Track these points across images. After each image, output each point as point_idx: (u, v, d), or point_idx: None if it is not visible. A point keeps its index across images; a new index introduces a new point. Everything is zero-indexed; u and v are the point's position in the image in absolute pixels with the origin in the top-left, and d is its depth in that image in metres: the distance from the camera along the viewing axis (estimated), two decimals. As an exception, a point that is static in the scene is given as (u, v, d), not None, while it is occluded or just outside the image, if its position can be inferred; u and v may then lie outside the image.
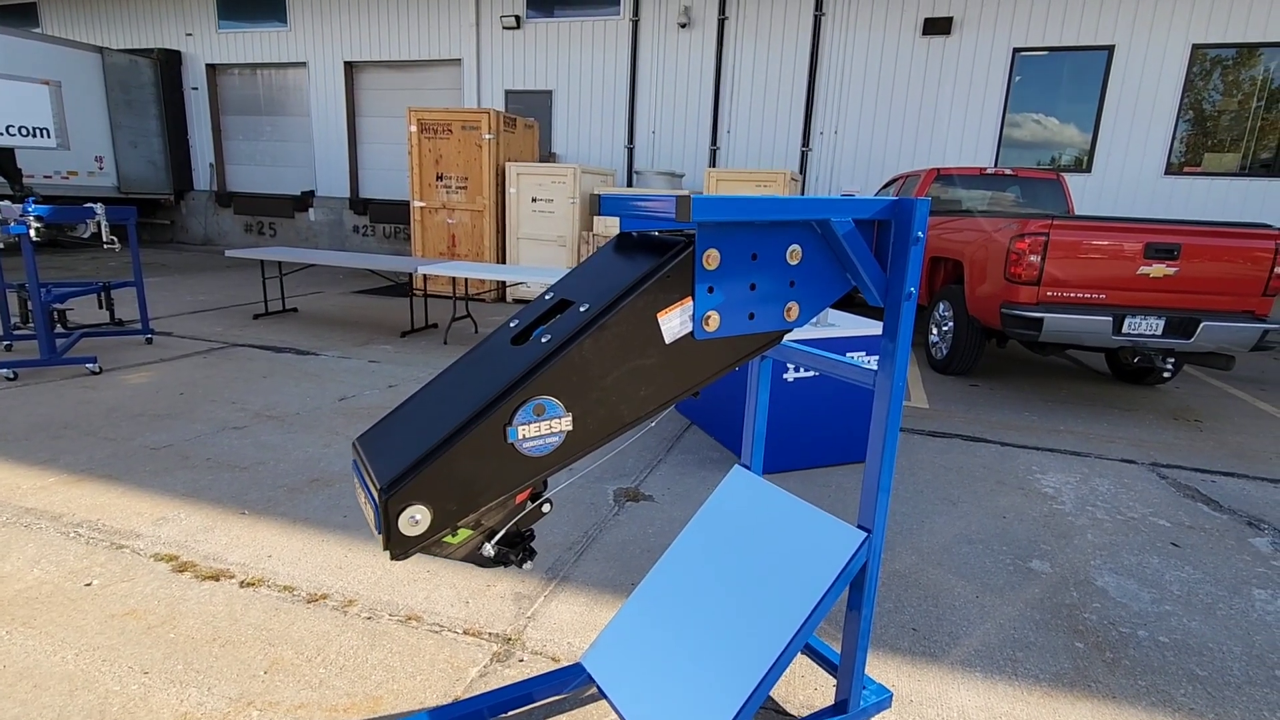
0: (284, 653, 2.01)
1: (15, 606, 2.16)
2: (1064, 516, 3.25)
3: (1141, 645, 2.27)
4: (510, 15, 11.88)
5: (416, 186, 8.77)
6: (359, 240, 14.05)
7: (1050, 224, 4.75)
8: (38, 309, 4.67)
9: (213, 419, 4.01)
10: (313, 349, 5.84)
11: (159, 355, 5.41)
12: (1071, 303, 4.83)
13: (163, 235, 15.50)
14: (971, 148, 10.25)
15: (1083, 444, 4.30)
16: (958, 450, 4.08)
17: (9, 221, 4.58)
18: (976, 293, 5.41)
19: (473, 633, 2.15)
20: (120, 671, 1.89)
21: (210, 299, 8.06)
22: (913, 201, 1.41)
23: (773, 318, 1.40)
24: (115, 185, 13.51)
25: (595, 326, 1.20)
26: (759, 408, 1.95)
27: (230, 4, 13.97)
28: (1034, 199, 7.23)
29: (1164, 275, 4.71)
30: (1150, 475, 3.83)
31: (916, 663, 2.13)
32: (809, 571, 1.63)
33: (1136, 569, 2.78)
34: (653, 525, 2.96)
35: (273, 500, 3.01)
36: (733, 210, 1.24)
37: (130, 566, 2.43)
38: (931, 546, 2.89)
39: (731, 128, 11.23)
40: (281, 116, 14.43)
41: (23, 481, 3.08)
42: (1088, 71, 9.74)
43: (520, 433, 1.16)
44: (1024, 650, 2.21)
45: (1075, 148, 10.02)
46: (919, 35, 10.13)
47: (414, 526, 1.10)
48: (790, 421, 3.57)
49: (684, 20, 11.01)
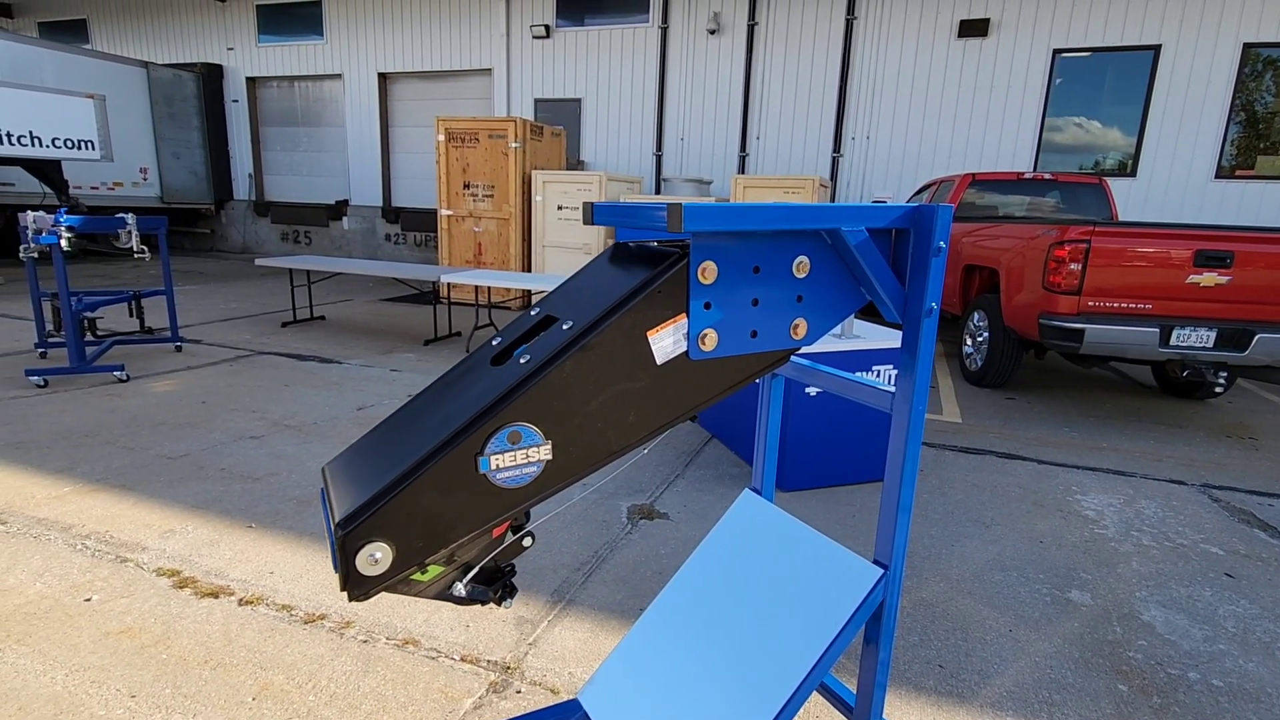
0: (275, 677, 1.94)
1: (13, 622, 2.14)
2: (1106, 542, 3.04)
3: (1193, 689, 2.08)
4: (540, 24, 11.92)
5: (444, 195, 8.81)
6: (391, 248, 14.21)
7: (1092, 230, 4.52)
8: (68, 317, 4.75)
9: (231, 428, 4.01)
10: (336, 357, 5.85)
11: (186, 363, 5.47)
12: (1115, 313, 4.59)
13: (203, 244, 15.89)
14: (1009, 152, 9.95)
15: (1127, 463, 4.07)
16: (991, 468, 3.89)
17: (42, 231, 4.67)
18: (1013, 302, 5.19)
19: (470, 660, 2.06)
20: (108, 695, 1.84)
21: (242, 307, 8.18)
22: (933, 208, 1.28)
23: (778, 336, 1.29)
24: (159, 195, 13.89)
25: (577, 346, 1.10)
26: (770, 428, 1.82)
27: (270, 18, 14.30)
28: (1075, 205, 6.95)
29: (1215, 284, 4.45)
30: (1201, 497, 3.59)
31: (942, 704, 1.97)
32: (822, 608, 1.50)
33: (1187, 602, 2.58)
34: (666, 545, 2.84)
35: (280, 513, 2.97)
36: (729, 220, 1.13)
37: (132, 581, 2.39)
38: (961, 574, 2.72)
39: (761, 134, 11.08)
40: (317, 127, 14.70)
41: (38, 490, 3.09)
42: (1132, 73, 9.38)
43: (493, 463, 1.07)
44: (1061, 692, 2.04)
45: (1119, 151, 9.65)
46: (954, 37, 9.88)
47: (374, 565, 1.01)
48: (813, 438, 3.43)
49: (713, 27, 10.91)
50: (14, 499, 2.99)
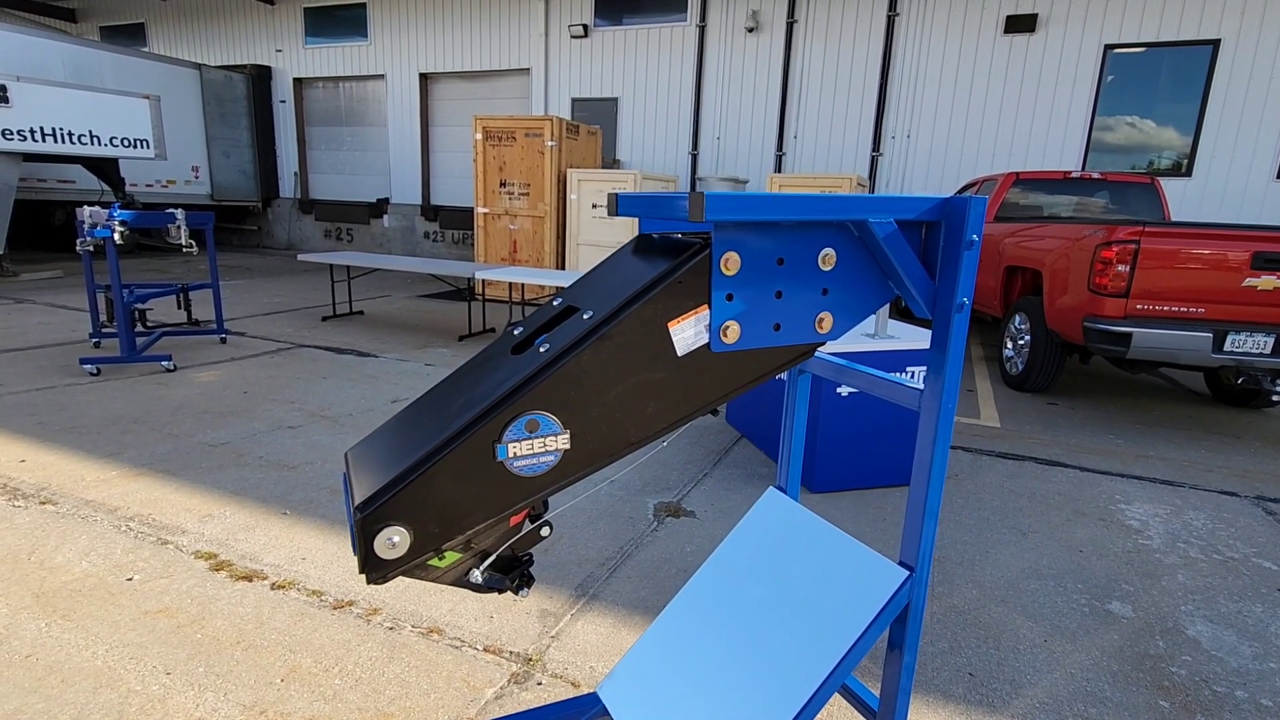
0: (303, 660, 1.98)
1: (60, 599, 2.22)
2: (1151, 553, 2.93)
3: (1240, 708, 1.99)
4: (578, 24, 11.98)
5: (481, 193, 8.91)
6: (429, 246, 14.44)
7: (1142, 230, 4.36)
8: (119, 309, 4.93)
9: (270, 418, 4.12)
10: (373, 351, 5.96)
11: (230, 354, 5.64)
12: (1165, 316, 4.42)
13: (250, 240, 16.36)
14: (1056, 151, 9.67)
15: (1175, 472, 3.91)
16: (1030, 474, 3.78)
17: (96, 225, 4.86)
18: (1056, 304, 5.03)
19: (493, 650, 2.08)
20: (144, 671, 1.90)
21: (285, 301, 8.39)
22: (965, 200, 1.24)
23: (802, 329, 1.26)
24: (209, 193, 14.34)
25: (597, 336, 1.09)
26: (796, 426, 1.80)
27: (317, 21, 14.65)
28: (1125, 205, 6.71)
29: (1274, 288, 4.25)
30: (1255, 510, 3.44)
31: (971, 713, 1.92)
32: (845, 609, 1.47)
33: (1236, 618, 2.47)
34: (691, 543, 2.82)
35: (314, 501, 3.04)
36: (753, 209, 1.11)
37: (171, 563, 2.47)
38: (996, 581, 2.65)
39: (799, 132, 10.96)
40: (360, 127, 15.01)
41: (88, 473, 3.21)
42: (1189, 69, 9.03)
43: (511, 450, 1.07)
44: (1098, 706, 1.97)
45: (1173, 151, 9.30)
46: (1000, 34, 9.64)
47: (391, 549, 1.02)
48: (844, 439, 3.37)
49: (752, 24, 10.84)
50: (65, 481, 3.11)
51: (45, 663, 1.91)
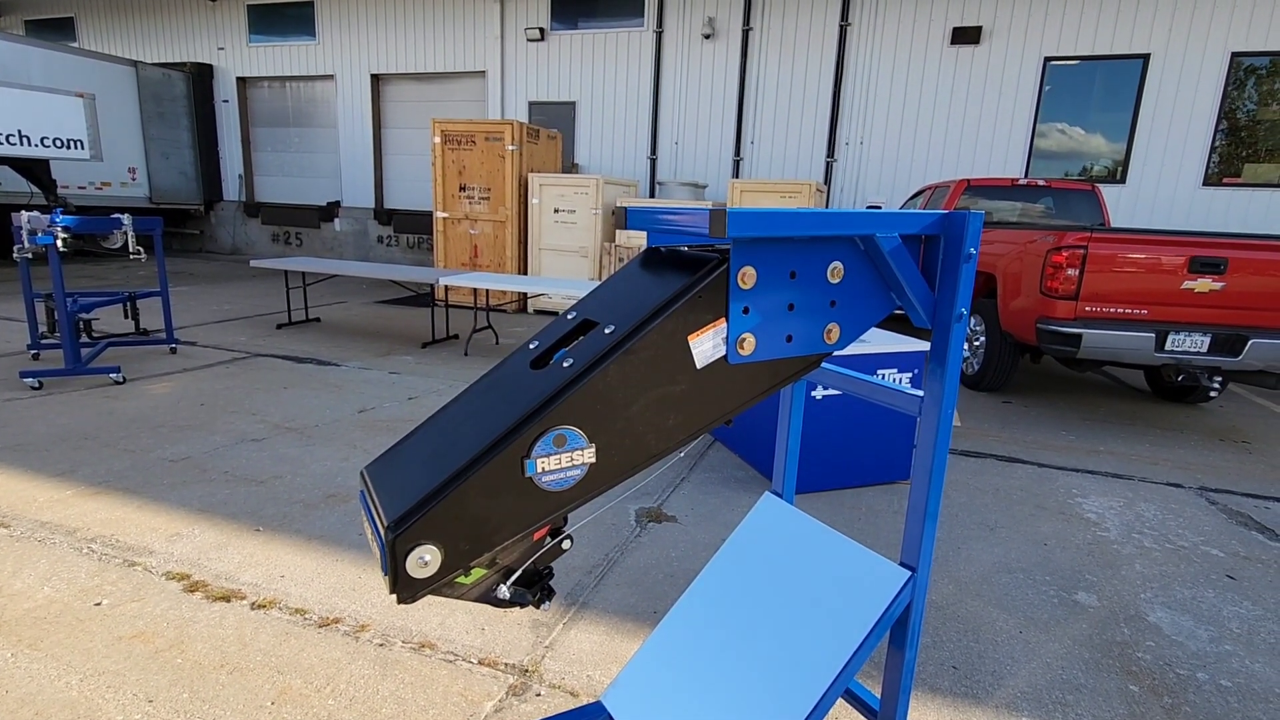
0: (293, 681, 1.93)
1: (23, 627, 2.11)
2: (1109, 544, 3.08)
3: (1203, 690, 2.11)
4: (534, 27, 11.93)
5: (440, 197, 8.78)
6: (383, 250, 14.14)
7: (1089, 236, 4.58)
8: (63, 319, 4.69)
9: (232, 431, 3.98)
10: (334, 359, 5.82)
11: (182, 365, 5.43)
12: (1111, 318, 4.65)
13: (192, 245, 15.75)
14: (1001, 158, 10.05)
15: (1125, 466, 4.12)
16: (992, 471, 3.92)
17: (37, 232, 4.62)
18: (1010, 307, 5.24)
19: (488, 663, 2.06)
20: (124, 699, 1.83)
21: (235, 308, 8.12)
22: (965, 215, 1.30)
23: (812, 340, 1.30)
24: (147, 196, 13.76)
25: (621, 350, 1.10)
26: (791, 431, 1.84)
27: (261, 18, 14.21)
28: (1068, 211, 7.03)
29: (1210, 290, 4.52)
30: (1199, 500, 3.64)
31: (959, 705, 1.99)
32: (848, 611, 1.51)
33: (1191, 603, 2.62)
34: (676, 548, 2.85)
35: (288, 516, 2.95)
36: (772, 226, 1.14)
37: (141, 585, 2.37)
38: (969, 576, 2.75)
39: (755, 138, 11.13)
40: (309, 128, 14.61)
41: (40, 494, 3.05)
42: (1121, 80, 9.51)
43: (539, 465, 1.07)
44: (1074, 693, 2.07)
45: (1108, 158, 9.78)
46: (947, 45, 9.98)
47: (423, 568, 1.01)
48: (819, 441, 3.45)
49: (708, 31, 10.96)
50: (16, 502, 2.95)
51: (16, 695, 1.82)
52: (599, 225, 8.35)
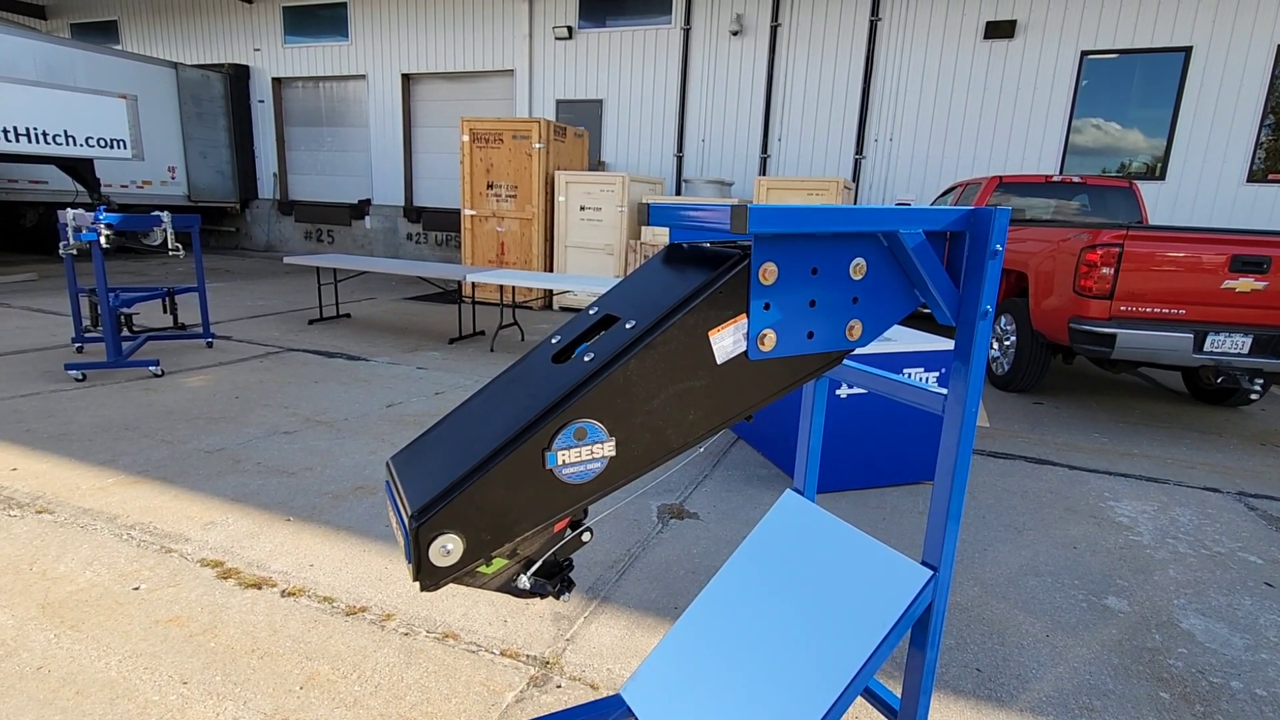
0: (321, 667, 1.98)
1: (66, 609, 2.19)
2: (1142, 549, 3.02)
3: (1236, 698, 2.06)
4: (562, 26, 11.98)
5: (467, 195, 8.88)
6: (412, 247, 14.33)
7: (1125, 234, 4.48)
8: (105, 313, 4.84)
9: (265, 423, 4.08)
10: (363, 354, 5.92)
11: (218, 359, 5.56)
12: (1147, 318, 4.54)
13: (228, 242, 16.12)
14: (1035, 155, 9.86)
15: (1160, 469, 4.02)
16: (1021, 473, 3.86)
17: (81, 229, 4.77)
18: (1042, 306, 5.14)
19: (510, 654, 2.09)
20: (160, 680, 1.89)
21: (269, 304, 8.29)
22: (990, 211, 1.29)
23: (834, 337, 1.30)
24: (185, 194, 14.11)
25: (642, 345, 1.11)
26: (813, 429, 1.83)
27: (297, 20, 14.48)
28: (1104, 208, 6.87)
29: (1252, 290, 4.39)
30: (1237, 505, 3.55)
31: (981, 708, 1.97)
32: (868, 610, 1.51)
33: (1226, 610, 2.55)
34: (698, 545, 2.85)
35: (317, 507, 3.02)
36: (793, 222, 1.14)
37: (177, 571, 2.45)
38: (996, 578, 2.71)
39: (783, 135, 11.06)
40: (341, 127, 14.86)
41: (83, 481, 3.16)
42: (1162, 75, 9.26)
43: (560, 458, 1.09)
44: (1102, 699, 2.03)
45: (1147, 154, 9.53)
46: (980, 39, 9.81)
47: (445, 557, 1.03)
48: (843, 440, 3.42)
49: (736, 28, 10.91)
50: (60, 489, 3.06)
51: (58, 674, 1.89)
52: (625, 223, 8.36)
